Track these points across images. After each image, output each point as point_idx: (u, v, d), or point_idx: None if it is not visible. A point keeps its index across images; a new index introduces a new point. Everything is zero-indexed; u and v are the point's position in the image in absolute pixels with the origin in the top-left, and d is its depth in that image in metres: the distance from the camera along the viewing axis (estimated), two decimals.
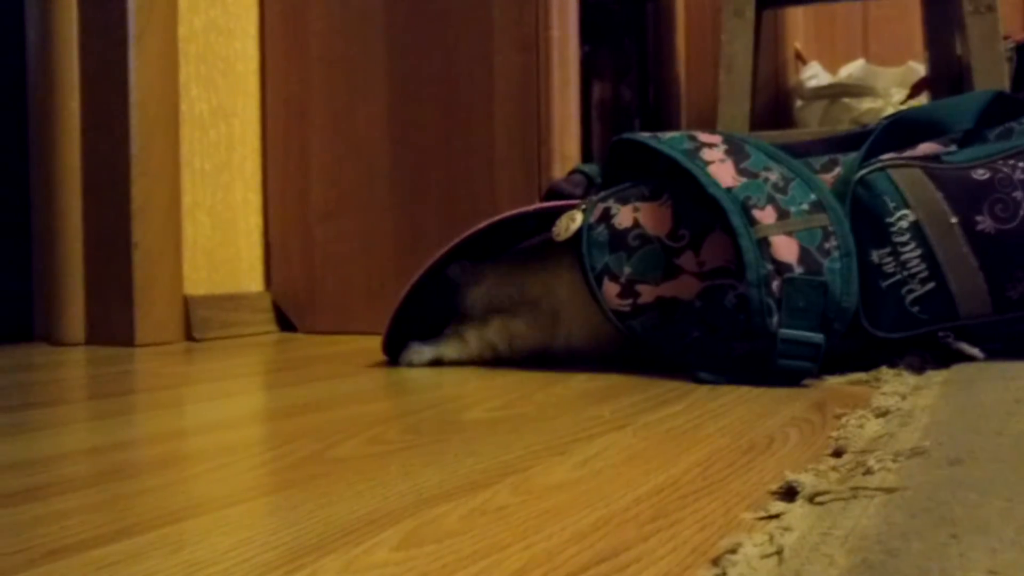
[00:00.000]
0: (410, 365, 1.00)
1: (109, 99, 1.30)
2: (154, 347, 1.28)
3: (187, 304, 1.36)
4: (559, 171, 1.28)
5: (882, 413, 0.63)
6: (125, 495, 0.49)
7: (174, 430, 0.69)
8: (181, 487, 0.51)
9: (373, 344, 1.19)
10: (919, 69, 2.06)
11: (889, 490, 0.42)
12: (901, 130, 0.93)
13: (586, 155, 1.73)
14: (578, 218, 0.94)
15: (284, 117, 1.49)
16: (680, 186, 0.91)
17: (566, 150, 1.31)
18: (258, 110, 1.51)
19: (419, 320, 1.06)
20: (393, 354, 1.05)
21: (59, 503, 0.48)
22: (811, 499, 0.42)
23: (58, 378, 1.02)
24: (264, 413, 0.78)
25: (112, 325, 1.31)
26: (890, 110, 1.99)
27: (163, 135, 1.33)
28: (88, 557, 0.39)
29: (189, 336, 1.36)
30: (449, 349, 1.01)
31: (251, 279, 1.50)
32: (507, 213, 0.99)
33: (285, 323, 1.49)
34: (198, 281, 1.40)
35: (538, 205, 1.00)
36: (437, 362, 1.01)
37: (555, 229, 0.95)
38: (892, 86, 2.13)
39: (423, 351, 1.01)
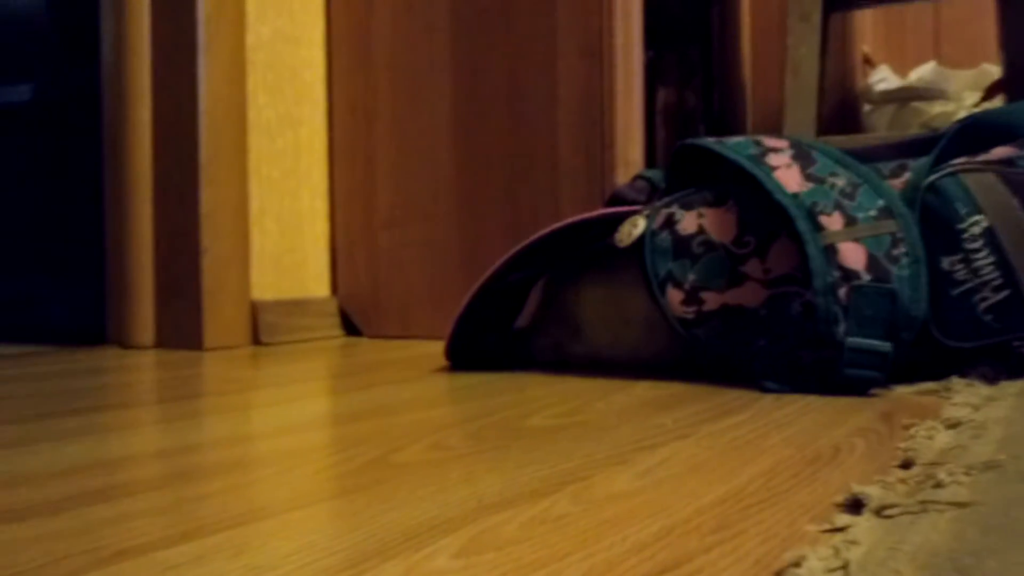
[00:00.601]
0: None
1: (179, 108, 1.33)
2: (222, 351, 1.31)
3: (254, 309, 1.38)
4: (623, 177, 1.27)
5: (953, 424, 0.62)
6: (190, 498, 0.50)
7: (239, 434, 0.71)
8: (245, 491, 0.52)
9: (437, 349, 1.20)
10: (993, 71, 2.01)
11: (961, 505, 0.41)
12: (974, 134, 0.90)
13: (650, 161, 1.72)
14: (640, 224, 0.93)
15: (350, 124, 1.51)
16: (745, 192, 0.90)
17: (630, 156, 1.30)
18: (324, 118, 1.53)
19: (482, 326, 1.06)
20: (456, 359, 1.06)
21: (127, 505, 0.49)
22: (878, 512, 0.41)
23: (128, 381, 1.04)
24: (328, 417, 0.78)
25: (181, 329, 1.33)
26: (962, 114, 1.94)
27: (231, 143, 1.36)
28: (153, 559, 0.40)
29: (256, 340, 1.38)
30: None
31: (317, 284, 1.52)
32: (570, 219, 0.98)
33: (350, 328, 1.51)
34: (265, 286, 1.42)
35: (601, 211, 0.99)
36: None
37: (617, 235, 0.95)
38: (965, 89, 2.08)
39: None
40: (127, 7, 1.35)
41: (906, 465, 0.51)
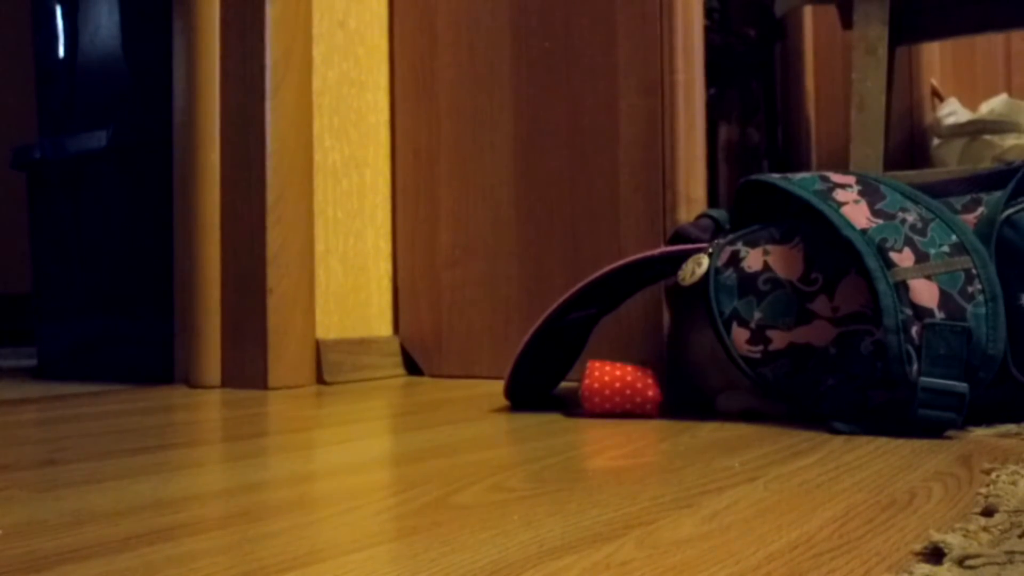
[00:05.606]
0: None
1: (247, 151, 1.36)
2: (286, 390, 1.32)
3: (319, 348, 1.40)
4: (684, 215, 1.26)
5: None
6: (252, 538, 0.50)
7: (302, 473, 0.71)
8: (306, 531, 0.52)
9: (498, 388, 1.19)
10: None
11: None
12: None
13: (712, 198, 1.70)
14: (704, 262, 0.92)
15: (413, 166, 1.52)
16: (812, 228, 0.88)
17: (692, 193, 1.29)
18: (388, 160, 1.54)
19: (542, 365, 1.05)
20: (515, 399, 1.05)
21: (190, 544, 0.49)
22: (960, 562, 0.39)
23: (194, 420, 1.05)
24: (389, 457, 0.78)
25: (247, 368, 1.35)
26: None
27: (298, 185, 1.38)
28: None
29: (320, 379, 1.39)
30: None
31: (381, 323, 1.52)
32: (631, 257, 0.98)
33: (412, 367, 1.51)
34: (330, 325, 1.43)
35: (663, 249, 0.98)
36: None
37: (680, 274, 0.93)
38: None
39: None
40: (198, 54, 1.38)
41: (988, 512, 0.49)
